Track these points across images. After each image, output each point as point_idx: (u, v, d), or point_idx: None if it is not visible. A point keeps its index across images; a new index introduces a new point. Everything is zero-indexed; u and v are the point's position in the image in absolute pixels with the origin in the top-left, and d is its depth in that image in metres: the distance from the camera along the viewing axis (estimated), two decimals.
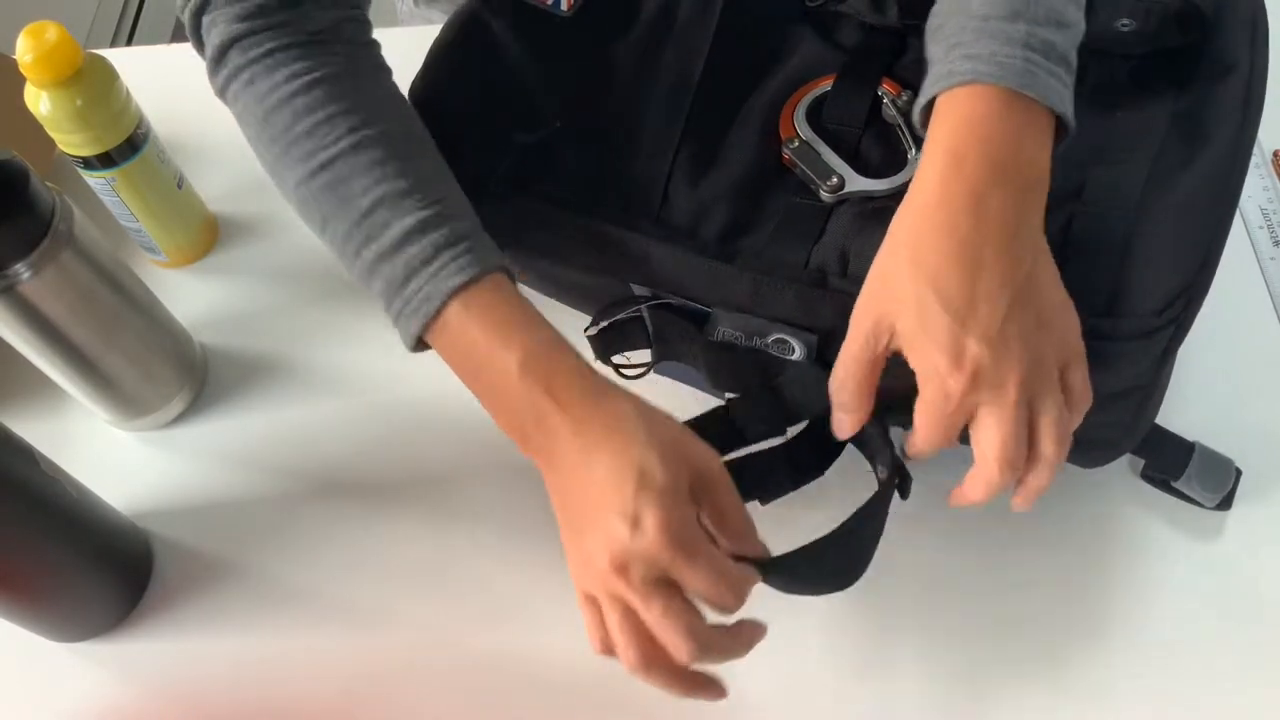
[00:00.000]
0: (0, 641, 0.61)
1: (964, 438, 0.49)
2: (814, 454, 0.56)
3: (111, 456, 0.68)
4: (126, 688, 0.61)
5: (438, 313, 0.51)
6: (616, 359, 0.60)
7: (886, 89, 0.60)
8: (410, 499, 0.65)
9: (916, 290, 0.47)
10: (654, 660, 0.48)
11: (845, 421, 0.51)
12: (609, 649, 0.49)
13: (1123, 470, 0.63)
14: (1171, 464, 0.60)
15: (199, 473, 0.67)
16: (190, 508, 0.66)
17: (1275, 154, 0.76)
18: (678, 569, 0.46)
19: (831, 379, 0.51)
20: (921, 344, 0.47)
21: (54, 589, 0.59)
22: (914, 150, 0.57)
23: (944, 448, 0.49)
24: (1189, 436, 0.61)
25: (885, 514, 0.52)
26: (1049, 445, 0.48)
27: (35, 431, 0.58)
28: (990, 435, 0.47)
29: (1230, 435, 0.61)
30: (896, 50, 0.62)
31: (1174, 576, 0.61)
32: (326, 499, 0.66)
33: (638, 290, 0.59)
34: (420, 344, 0.53)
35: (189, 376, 0.69)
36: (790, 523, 0.52)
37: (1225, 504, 0.61)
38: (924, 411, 0.48)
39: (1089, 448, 0.54)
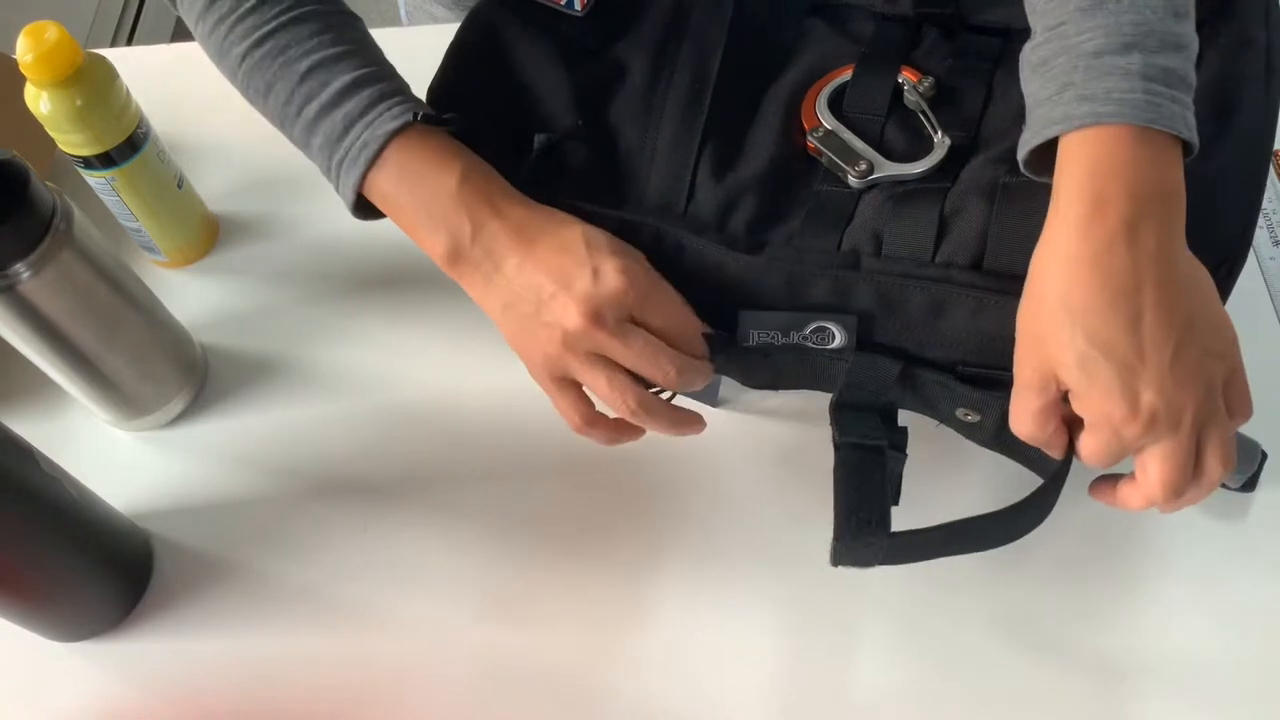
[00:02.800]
0: (0, 641, 0.61)
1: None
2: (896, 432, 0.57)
3: (111, 456, 0.68)
4: (126, 688, 0.61)
5: (377, 155, 0.55)
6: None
7: (906, 76, 0.60)
8: (410, 499, 0.66)
9: (1076, 345, 0.46)
10: (650, 404, 0.55)
11: (1056, 452, 0.51)
12: (590, 421, 0.56)
13: None
14: None
15: (199, 473, 0.68)
16: (190, 508, 0.66)
17: (1275, 154, 0.76)
18: (642, 308, 0.53)
19: (1017, 431, 0.51)
20: (1090, 397, 0.46)
21: (54, 589, 0.59)
22: (939, 134, 0.58)
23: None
24: None
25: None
26: (1215, 467, 0.47)
27: (35, 431, 0.58)
28: (1162, 468, 0.47)
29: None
30: (912, 39, 0.62)
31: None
32: (326, 499, 0.66)
33: None
34: (361, 204, 0.58)
35: (189, 376, 0.69)
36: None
37: (1250, 486, 0.61)
38: (1093, 450, 0.48)
39: None
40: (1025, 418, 0.50)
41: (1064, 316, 0.46)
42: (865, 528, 0.52)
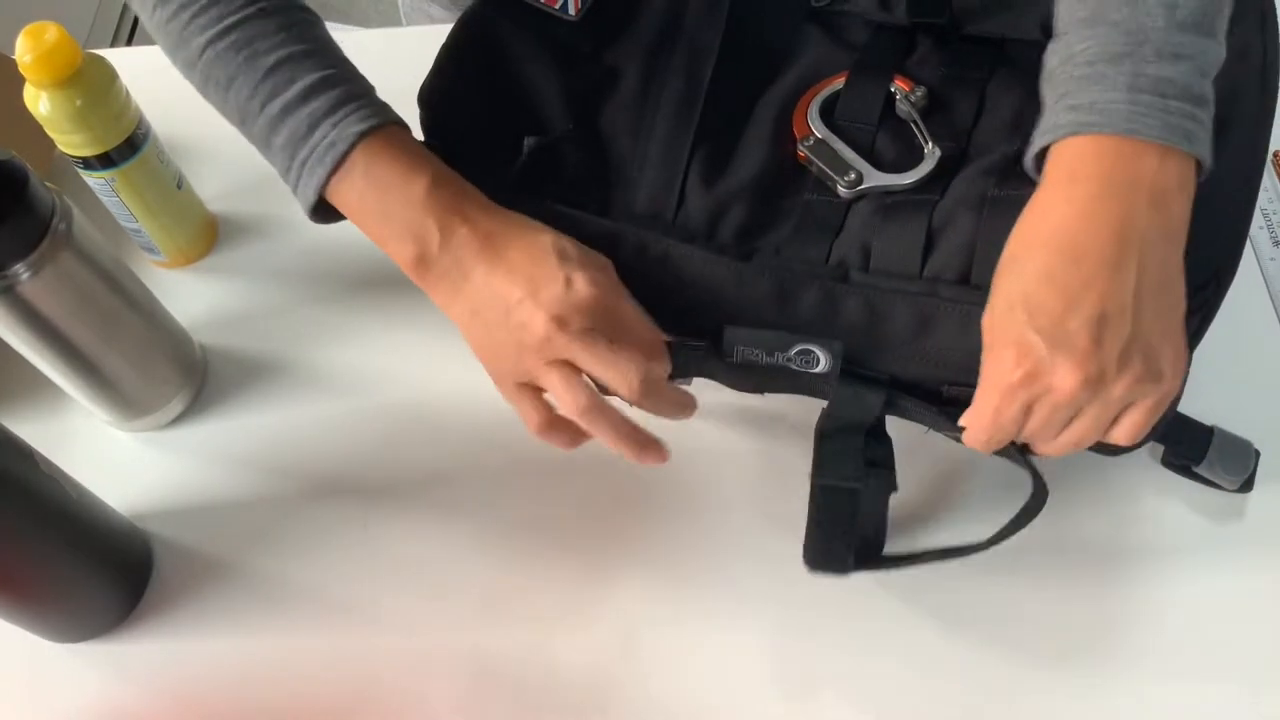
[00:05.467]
0: (0, 641, 0.61)
1: None
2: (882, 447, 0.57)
3: (111, 456, 0.68)
4: (126, 688, 0.61)
5: (344, 156, 0.54)
6: None
7: (899, 85, 0.60)
8: (410, 499, 0.65)
9: (1007, 291, 0.48)
10: (601, 407, 0.53)
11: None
12: (549, 424, 0.55)
13: (1143, 458, 0.63)
14: (1192, 449, 0.60)
15: (199, 473, 0.68)
16: (190, 508, 0.66)
17: (1275, 154, 0.76)
18: (608, 319, 0.52)
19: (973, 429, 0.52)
20: (992, 337, 0.49)
21: (54, 589, 0.59)
22: (929, 144, 0.57)
23: (989, 448, 0.51)
24: None
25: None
26: (1050, 448, 0.49)
27: (35, 431, 0.58)
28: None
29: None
30: (906, 47, 0.62)
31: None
32: (326, 499, 0.66)
33: None
34: (320, 207, 0.56)
35: (189, 376, 0.69)
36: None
37: (1247, 486, 0.61)
38: (977, 401, 0.50)
39: None
40: (989, 404, 0.50)
41: (1007, 267, 0.49)
42: (827, 559, 0.56)
